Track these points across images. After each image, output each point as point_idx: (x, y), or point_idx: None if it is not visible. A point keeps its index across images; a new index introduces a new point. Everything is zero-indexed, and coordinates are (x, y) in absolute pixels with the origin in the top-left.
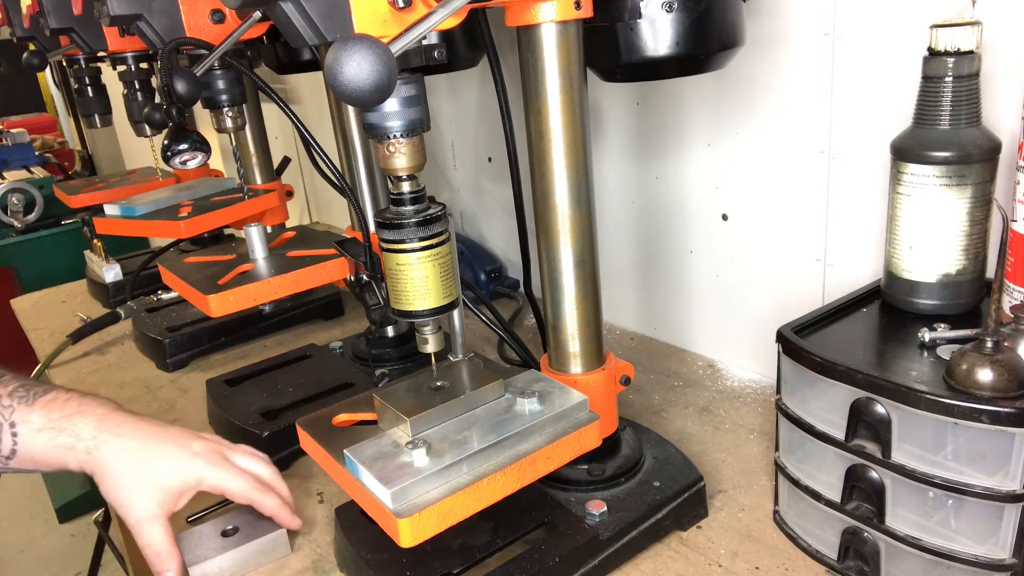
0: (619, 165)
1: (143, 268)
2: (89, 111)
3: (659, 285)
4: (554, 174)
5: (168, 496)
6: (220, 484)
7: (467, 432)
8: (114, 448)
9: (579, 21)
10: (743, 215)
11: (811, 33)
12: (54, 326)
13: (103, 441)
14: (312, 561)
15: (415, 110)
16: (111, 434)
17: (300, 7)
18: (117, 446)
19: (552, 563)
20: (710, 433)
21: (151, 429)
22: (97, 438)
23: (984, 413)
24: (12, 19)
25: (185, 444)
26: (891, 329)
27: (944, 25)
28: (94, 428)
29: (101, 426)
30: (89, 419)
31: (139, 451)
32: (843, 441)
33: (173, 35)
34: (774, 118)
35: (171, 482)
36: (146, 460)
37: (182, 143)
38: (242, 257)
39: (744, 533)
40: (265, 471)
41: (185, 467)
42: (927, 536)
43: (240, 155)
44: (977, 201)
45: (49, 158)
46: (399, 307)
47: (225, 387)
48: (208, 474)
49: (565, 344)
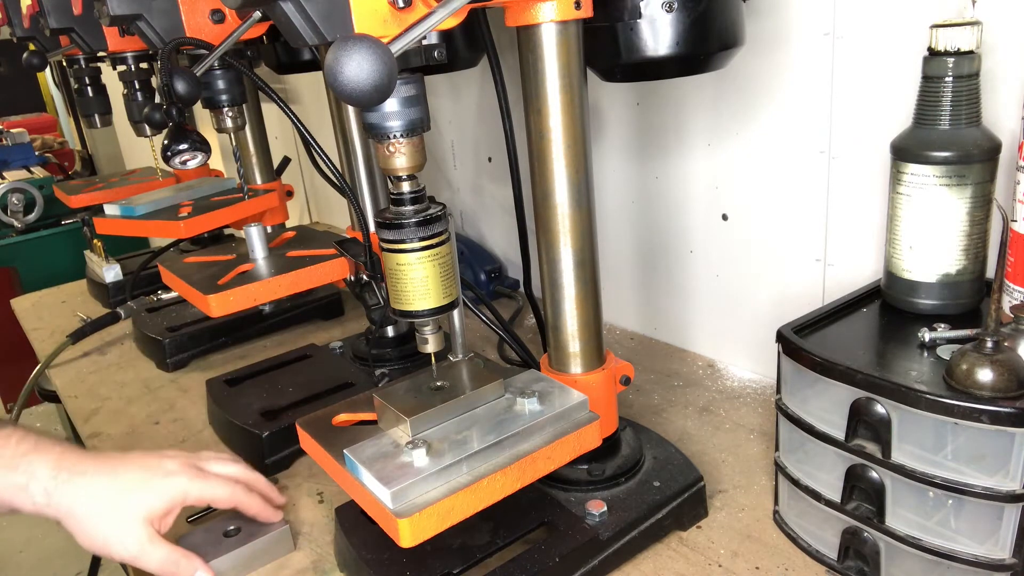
0: (619, 165)
1: (143, 268)
2: (89, 111)
3: (659, 285)
4: (554, 174)
5: (154, 520)
6: (205, 495)
7: (467, 432)
8: (79, 489)
9: (579, 21)
10: (743, 215)
11: (811, 33)
12: (54, 326)
13: (63, 482)
14: (312, 561)
15: (415, 110)
16: (72, 473)
17: (300, 7)
18: (82, 486)
19: (552, 563)
20: (710, 433)
21: (113, 462)
22: (56, 479)
23: (984, 413)
24: (12, 19)
25: (156, 466)
26: (891, 329)
27: (944, 25)
28: (51, 467)
29: (59, 465)
30: (46, 458)
31: (110, 487)
32: (843, 441)
33: (173, 35)
34: (774, 118)
35: (154, 506)
36: (120, 494)
37: (182, 143)
38: (242, 257)
39: (744, 533)
40: (237, 470)
41: (165, 488)
42: (927, 536)
43: (240, 155)
44: (977, 201)
45: (49, 158)
46: (399, 307)
47: (225, 387)
48: (191, 488)
49: (565, 344)
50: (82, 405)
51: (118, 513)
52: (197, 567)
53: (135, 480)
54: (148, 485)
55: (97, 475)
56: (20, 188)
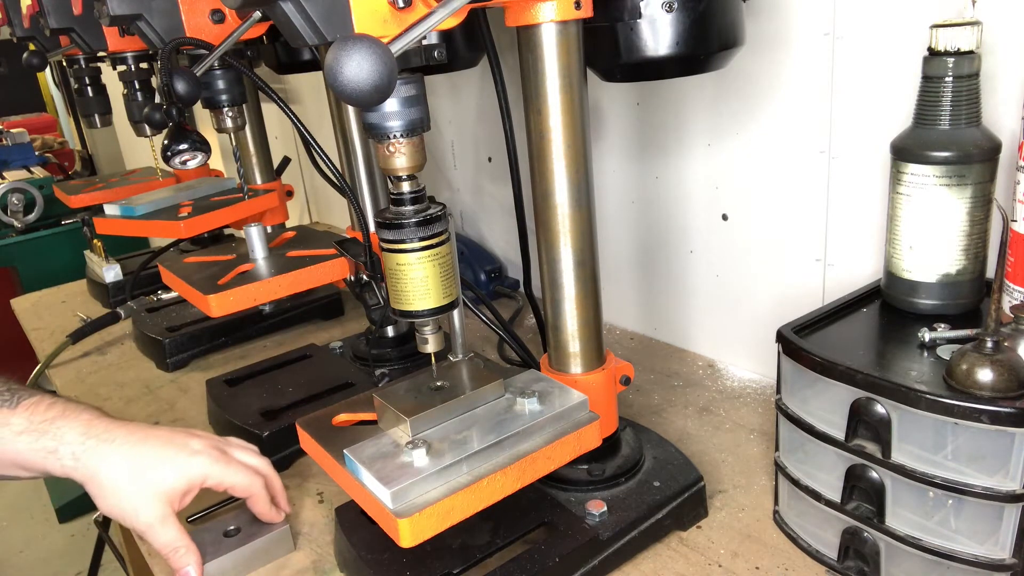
0: (619, 165)
1: (143, 268)
2: (89, 111)
3: (659, 285)
4: (554, 174)
5: (174, 497)
6: (226, 480)
7: (467, 432)
8: (104, 456)
9: (579, 21)
10: (743, 215)
11: (811, 33)
12: (54, 326)
13: (91, 448)
14: (312, 561)
15: (415, 110)
16: (100, 440)
17: (300, 7)
18: (108, 453)
19: (552, 563)
20: (710, 433)
21: (141, 433)
22: (85, 444)
23: (984, 413)
24: (12, 19)
25: (183, 444)
26: (891, 329)
27: (944, 25)
28: (80, 434)
29: (88, 432)
30: (74, 424)
31: (135, 457)
32: (843, 441)
33: (173, 35)
34: (774, 118)
35: (176, 484)
36: (144, 466)
37: (182, 143)
38: (242, 257)
39: (744, 533)
40: (260, 463)
41: (188, 466)
42: (927, 536)
43: (240, 155)
44: (977, 201)
45: (49, 158)
46: (399, 307)
47: (225, 387)
48: (213, 471)
49: (565, 344)
50: None
51: (139, 485)
52: (191, 562)
53: (160, 455)
54: (173, 462)
55: (125, 444)
56: (20, 188)
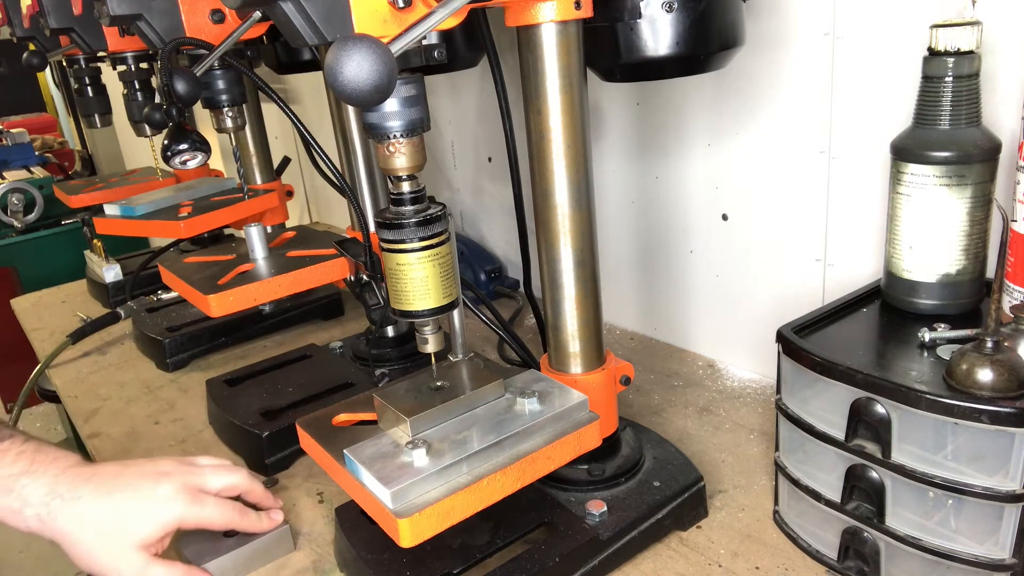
0: (619, 165)
1: (143, 268)
2: (89, 111)
3: (659, 285)
4: (554, 174)
5: (151, 545)
6: (201, 520)
7: (467, 432)
8: (70, 517)
9: (579, 21)
10: (743, 215)
11: (811, 33)
12: (54, 326)
13: (56, 509)
14: (312, 561)
15: (415, 110)
16: (64, 500)
17: (300, 7)
18: (74, 515)
19: (552, 563)
20: (710, 433)
21: (108, 485)
22: (50, 506)
23: (984, 413)
24: (12, 19)
25: (151, 490)
26: (891, 329)
27: (944, 25)
28: (45, 494)
29: (53, 491)
30: (40, 481)
31: (103, 515)
32: (843, 441)
33: (173, 35)
34: (774, 118)
35: (151, 533)
36: (114, 522)
37: (182, 143)
38: (242, 257)
39: (744, 533)
40: (235, 478)
41: (160, 514)
42: (927, 536)
43: (240, 155)
44: (977, 201)
45: (49, 158)
46: (399, 307)
47: (225, 387)
48: (188, 513)
49: (565, 344)
50: (82, 405)
51: (113, 541)
52: None
53: (130, 508)
54: (143, 512)
55: (92, 502)
56: (20, 188)
